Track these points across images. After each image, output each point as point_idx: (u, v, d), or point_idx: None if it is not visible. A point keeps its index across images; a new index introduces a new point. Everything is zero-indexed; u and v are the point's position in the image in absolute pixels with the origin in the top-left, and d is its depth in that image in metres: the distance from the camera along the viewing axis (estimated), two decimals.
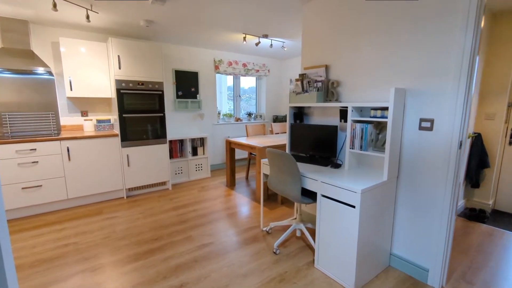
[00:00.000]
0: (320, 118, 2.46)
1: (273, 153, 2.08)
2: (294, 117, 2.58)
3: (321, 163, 2.22)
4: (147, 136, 3.48)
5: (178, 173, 4.10)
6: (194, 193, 3.63)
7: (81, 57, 3.18)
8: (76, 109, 3.49)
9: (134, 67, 3.29)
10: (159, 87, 3.51)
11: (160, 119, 3.56)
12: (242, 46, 4.27)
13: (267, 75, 5.34)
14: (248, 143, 3.39)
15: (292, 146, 2.54)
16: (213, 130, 4.83)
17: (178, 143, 4.17)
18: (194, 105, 4.52)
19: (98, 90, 3.34)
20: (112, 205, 3.19)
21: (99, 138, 3.16)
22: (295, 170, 1.94)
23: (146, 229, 2.59)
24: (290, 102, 2.49)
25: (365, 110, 2.04)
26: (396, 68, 1.84)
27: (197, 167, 4.29)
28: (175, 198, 3.42)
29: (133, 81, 3.30)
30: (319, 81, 2.30)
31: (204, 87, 4.60)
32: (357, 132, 1.94)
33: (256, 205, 3.19)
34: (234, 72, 4.87)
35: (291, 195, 2.02)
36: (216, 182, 4.14)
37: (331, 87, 2.28)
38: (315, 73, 2.42)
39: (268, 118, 5.62)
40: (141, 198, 3.43)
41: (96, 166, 3.17)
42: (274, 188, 2.19)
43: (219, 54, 4.68)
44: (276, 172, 2.14)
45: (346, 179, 1.79)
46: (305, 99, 2.34)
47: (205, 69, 4.57)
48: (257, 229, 2.57)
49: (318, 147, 2.32)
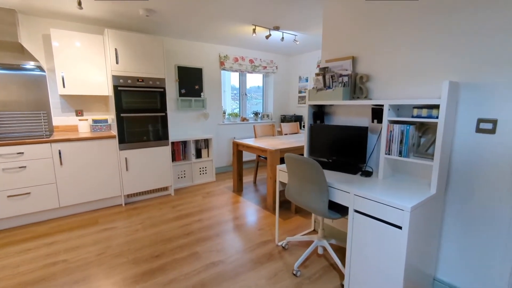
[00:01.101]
0: (345, 118, 2.15)
1: (294, 160, 1.77)
2: (314, 117, 2.27)
3: (348, 170, 1.92)
4: (148, 137, 3.19)
5: (181, 177, 3.80)
6: (198, 199, 3.33)
7: (75, 51, 2.89)
8: (70, 108, 3.19)
9: (133, 62, 2.99)
10: (161, 84, 3.21)
11: (161, 119, 3.26)
12: (249, 41, 3.97)
13: (275, 72, 5.03)
14: (258, 146, 3.09)
15: (311, 150, 2.24)
16: (217, 130, 4.53)
17: (181, 145, 3.87)
18: (198, 104, 4.22)
19: (94, 87, 3.04)
20: (109, 214, 2.89)
21: (95, 140, 2.86)
22: (321, 180, 1.64)
23: (146, 243, 2.29)
24: (310, 99, 2.19)
25: (402, 109, 1.73)
26: (446, 57, 1.53)
27: (201, 171, 3.99)
28: (178, 206, 3.12)
29: (132, 78, 3.00)
30: (345, 76, 2.00)
31: (208, 84, 4.30)
32: (396, 134, 1.63)
33: (267, 214, 2.89)
34: (241, 69, 4.57)
35: (315, 209, 1.72)
36: (222, 187, 3.84)
37: (359, 82, 1.97)
38: (340, 66, 2.11)
39: (276, 117, 5.31)
40: (140, 205, 3.14)
41: (91, 171, 2.88)
42: (293, 199, 1.89)
43: (225, 49, 4.38)
44: (297, 182, 1.84)
45: (384, 191, 1.48)
46: (329, 96, 2.03)
47: (210, 65, 4.27)
48: (271, 244, 2.26)
49: (344, 151, 2.01)
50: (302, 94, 5.09)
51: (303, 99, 5.09)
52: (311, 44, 4.21)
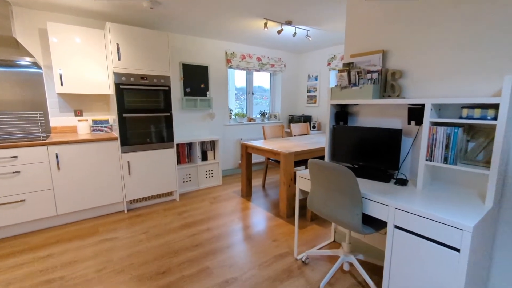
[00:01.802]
0: (371, 118, 1.94)
1: (320, 166, 1.56)
2: (336, 118, 2.06)
3: (379, 177, 1.70)
4: (151, 139, 2.98)
5: (186, 181, 3.59)
6: (205, 205, 3.12)
7: (74, 46, 2.68)
8: (68, 108, 2.99)
9: (136, 59, 2.78)
10: (166, 82, 3.00)
11: (166, 119, 3.06)
12: (257, 37, 3.76)
13: (283, 70, 4.82)
14: (270, 148, 2.87)
15: (333, 154, 2.03)
16: (224, 131, 4.32)
17: (186, 146, 3.66)
18: (204, 104, 4.01)
19: (94, 85, 2.83)
20: (110, 222, 2.68)
21: (95, 142, 2.65)
22: (354, 190, 1.43)
23: (150, 256, 2.08)
24: (332, 98, 1.97)
25: (445, 109, 1.52)
26: (508, 49, 1.31)
27: (208, 174, 3.78)
28: (184, 212, 2.91)
29: (135, 75, 2.80)
30: (374, 72, 1.78)
31: (214, 83, 4.09)
32: (440, 138, 1.42)
33: (281, 222, 2.67)
34: (248, 67, 4.36)
35: (346, 223, 1.51)
36: (229, 191, 3.63)
37: (390, 79, 1.76)
38: (367, 61, 1.90)
39: (283, 118, 5.10)
40: (144, 212, 2.93)
41: (91, 176, 2.67)
42: (318, 211, 1.68)
43: (232, 46, 4.17)
44: (323, 191, 1.62)
45: (430, 205, 1.27)
46: (355, 94, 1.82)
47: (216, 63, 4.06)
48: (289, 258, 2.05)
49: (373, 156, 1.80)
50: (311, 94, 4.88)
51: (312, 98, 4.88)
52: (321, 41, 4.00)
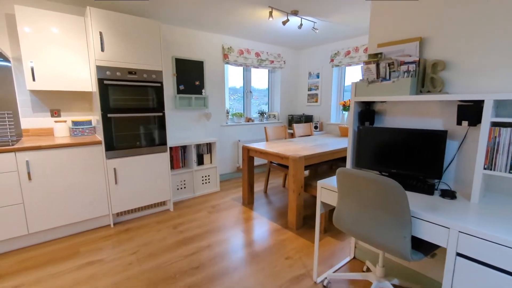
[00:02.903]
0: (404, 118, 1.67)
1: (356, 177, 1.27)
2: (360, 117, 1.78)
3: (420, 188, 1.43)
4: (141, 142, 2.62)
5: (181, 187, 3.24)
6: (203, 216, 2.79)
7: (48, 35, 2.29)
8: (43, 107, 2.58)
9: (122, 50, 2.41)
10: (157, 78, 2.64)
11: (158, 120, 2.70)
12: (257, 31, 3.45)
13: (282, 67, 4.53)
14: (276, 152, 2.57)
15: (358, 160, 1.75)
16: (221, 132, 3.98)
17: (180, 150, 3.31)
18: (199, 103, 3.66)
19: (73, 81, 2.45)
20: (94, 239, 2.31)
21: (75, 147, 2.27)
22: (403, 208, 1.14)
23: (143, 284, 1.74)
24: (357, 95, 1.69)
25: (503, 107, 1.26)
26: None
27: (204, 179, 3.44)
28: (179, 225, 2.57)
29: (122, 69, 2.43)
30: (410, 63, 1.51)
31: (210, 80, 3.75)
32: (505, 142, 1.16)
33: (290, 235, 2.38)
34: (246, 63, 4.04)
35: (389, 247, 1.22)
36: (229, 198, 3.30)
37: (431, 71, 1.49)
38: (399, 51, 1.62)
39: (283, 118, 4.81)
40: (133, 225, 2.57)
41: (70, 186, 2.29)
42: (349, 231, 1.39)
43: (229, 40, 3.84)
44: (357, 207, 1.33)
45: (502, 226, 1.00)
46: (387, 89, 1.54)
47: (212, 58, 3.72)
48: (307, 281, 1.76)
49: (410, 162, 1.53)
50: (312, 92, 4.62)
51: (313, 97, 4.62)
52: (325, 36, 3.73)
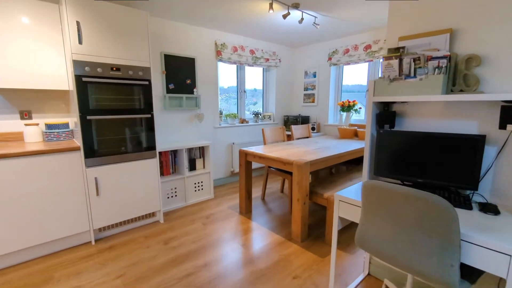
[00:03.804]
0: (429, 120, 1.48)
1: (391, 192, 1.06)
2: (378, 120, 1.59)
3: (455, 202, 1.25)
4: (127, 148, 2.33)
5: (172, 196, 2.96)
6: (197, 228, 2.52)
7: (14, 24, 1.96)
8: (10, 107, 2.24)
9: (104, 43, 2.12)
10: (145, 75, 2.36)
11: (146, 122, 2.42)
12: (252, 26, 3.22)
13: (277, 65, 4.32)
14: (277, 157, 2.35)
15: (378, 167, 1.55)
16: (214, 135, 3.72)
17: (170, 155, 3.03)
18: (191, 103, 3.39)
19: (47, 77, 2.13)
20: (72, 260, 2.00)
21: (48, 155, 1.96)
22: (451, 231, 0.95)
23: None
24: (377, 94, 1.50)
25: None
26: None
27: (197, 186, 3.17)
28: (171, 240, 2.30)
29: (103, 65, 2.13)
30: (441, 58, 1.33)
31: (203, 78, 3.48)
32: None
33: (296, 249, 2.16)
34: (240, 61, 3.80)
35: (431, 276, 1.02)
36: (224, 206, 3.05)
37: (464, 68, 1.31)
38: (425, 44, 1.44)
39: (278, 118, 4.61)
40: (118, 241, 2.27)
41: (43, 200, 1.97)
42: (378, 253, 1.18)
43: (222, 36, 3.59)
44: (387, 227, 1.13)
45: None
46: (413, 88, 1.35)
47: (204, 54, 3.46)
48: None
49: (439, 171, 1.35)
50: (308, 92, 4.44)
51: (309, 97, 4.44)
52: (323, 33, 3.55)
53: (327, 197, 2.19)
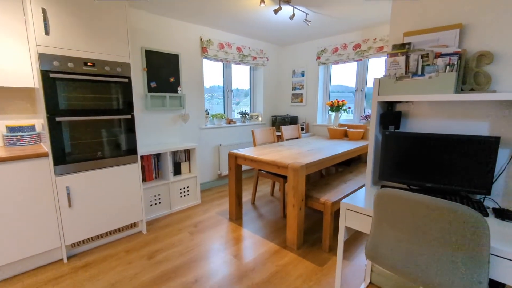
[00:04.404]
0: (439, 121, 1.41)
1: (412, 202, 0.95)
2: (382, 120, 1.49)
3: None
4: (104, 152, 2.09)
5: (155, 203, 2.73)
6: (184, 238, 2.33)
7: None
8: None
9: (76, 34, 1.87)
10: (124, 72, 2.13)
11: (126, 123, 2.19)
12: (239, 22, 3.06)
13: (265, 64, 4.19)
14: (271, 160, 2.21)
15: (383, 171, 1.45)
16: (200, 136, 3.52)
17: (153, 159, 2.79)
18: (175, 102, 3.17)
19: (7, 73, 1.85)
20: (40, 283, 1.74)
21: (10, 162, 1.69)
22: (479, 244, 0.85)
23: None
24: (382, 93, 1.40)
25: None
26: None
27: (183, 192, 2.96)
28: (156, 254, 2.08)
29: (75, 59, 1.89)
30: (451, 55, 1.25)
31: (187, 76, 3.27)
32: None
33: (292, 257, 2.03)
34: (227, 58, 3.63)
35: None
36: (213, 212, 2.87)
37: (475, 65, 1.24)
38: (433, 40, 1.36)
39: (266, 119, 4.47)
40: (95, 258, 2.03)
41: (4, 215, 1.70)
42: (395, 269, 1.07)
43: (208, 32, 3.40)
44: (406, 239, 1.02)
45: None
46: (422, 86, 1.26)
47: (189, 51, 3.25)
48: None
49: (450, 174, 1.27)
50: (296, 91, 4.34)
51: (297, 97, 4.35)
52: (311, 31, 3.47)
53: (324, 202, 2.08)
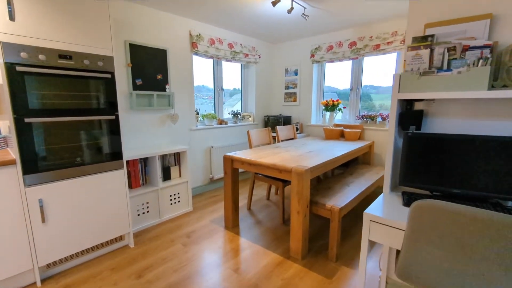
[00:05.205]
0: (464, 121, 1.29)
1: (461, 216, 0.81)
2: (402, 120, 1.36)
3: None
4: (84, 158, 1.83)
5: (143, 212, 2.49)
6: (177, 251, 2.11)
7: None
8: None
9: (48, 21, 1.61)
10: (106, 67, 1.88)
11: (109, 125, 1.94)
12: (232, 16, 2.87)
13: (257, 62, 4.02)
14: (272, 163, 2.04)
15: (405, 176, 1.32)
16: (190, 138, 3.29)
17: (140, 164, 2.54)
18: (162, 102, 2.92)
19: None
20: None
21: None
22: None
23: None
24: (402, 90, 1.26)
25: None
26: None
27: (173, 199, 2.73)
28: (146, 271, 1.85)
29: (48, 50, 1.62)
30: (482, 48, 1.13)
31: (176, 73, 3.04)
32: None
33: (298, 269, 1.88)
34: (218, 55, 3.42)
35: None
36: (206, 220, 2.66)
37: (507, 60, 1.13)
38: (459, 32, 1.24)
39: (258, 119, 4.30)
40: (75, 279, 1.77)
41: None
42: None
43: (198, 26, 3.17)
44: (451, 259, 0.88)
45: None
46: (450, 83, 1.14)
47: (178, 46, 3.01)
48: None
49: (481, 179, 1.15)
50: (289, 90, 4.21)
51: (290, 96, 4.21)
52: (305, 28, 3.34)
53: (331, 208, 1.94)
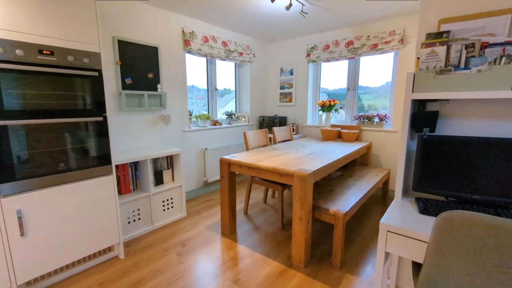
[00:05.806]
0: (481, 123, 1.22)
1: (498, 229, 0.73)
2: (415, 122, 1.28)
3: None
4: (69, 164, 1.67)
5: (134, 219, 2.33)
6: (172, 261, 1.97)
7: None
8: None
9: (26, 13, 1.45)
10: (93, 64, 1.73)
11: (97, 127, 1.78)
12: (227, 13, 2.75)
13: (252, 61, 3.91)
14: (272, 167, 1.94)
15: (421, 181, 1.24)
16: (183, 140, 3.14)
17: (130, 168, 2.39)
18: (154, 102, 2.77)
19: None
20: None
21: None
22: None
23: None
24: (417, 90, 1.18)
25: None
26: None
27: (166, 204, 2.58)
28: (138, 286, 1.71)
29: (26, 45, 1.46)
30: (504, 44, 1.06)
31: (168, 72, 2.89)
32: None
33: (301, 278, 1.78)
34: (212, 53, 3.29)
35: None
36: (201, 227, 2.53)
37: None
38: (477, 28, 1.17)
39: (253, 120, 4.19)
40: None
41: None
42: None
43: (191, 23, 3.04)
44: (479, 273, 0.80)
45: None
46: (468, 81, 1.07)
47: (170, 44, 2.86)
48: None
49: (503, 185, 1.08)
50: (285, 90, 4.12)
51: (286, 96, 4.12)
52: (301, 26, 3.26)
53: (334, 213, 1.85)
